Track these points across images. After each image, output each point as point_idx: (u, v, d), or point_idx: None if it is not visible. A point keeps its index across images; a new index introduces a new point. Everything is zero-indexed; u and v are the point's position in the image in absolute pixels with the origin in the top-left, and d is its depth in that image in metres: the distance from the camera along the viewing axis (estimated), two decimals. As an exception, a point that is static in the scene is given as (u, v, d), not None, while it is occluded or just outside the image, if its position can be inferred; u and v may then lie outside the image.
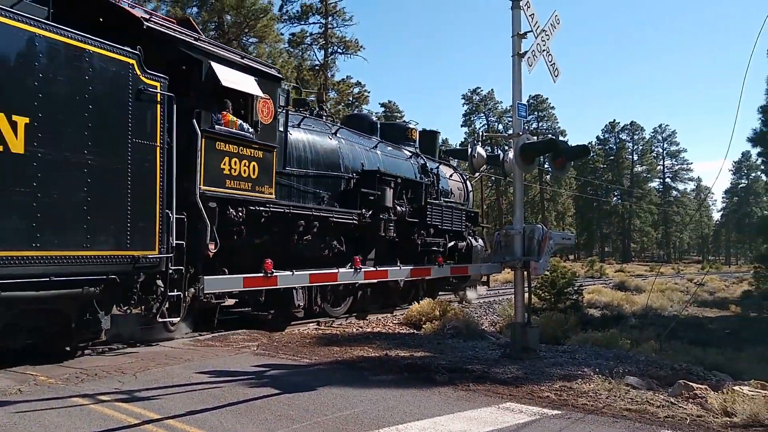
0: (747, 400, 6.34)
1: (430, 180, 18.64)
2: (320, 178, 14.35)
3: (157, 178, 9.18)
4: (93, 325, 8.76)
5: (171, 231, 9.40)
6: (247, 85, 11.11)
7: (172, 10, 34.91)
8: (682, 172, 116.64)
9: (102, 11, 9.82)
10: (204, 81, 10.47)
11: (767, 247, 25.38)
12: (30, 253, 7.49)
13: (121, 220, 8.64)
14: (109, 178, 8.50)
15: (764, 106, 23.34)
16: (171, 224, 9.40)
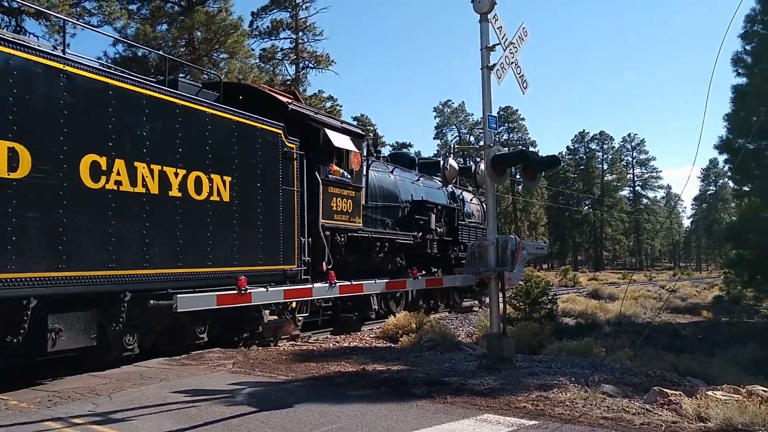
0: (720, 405, 6.41)
1: (458, 205, 22.53)
2: (386, 208, 17.97)
3: (296, 214, 12.74)
4: (259, 320, 12.55)
5: (303, 251, 12.95)
6: (347, 144, 14.94)
7: (142, 28, 34.71)
8: (651, 180, 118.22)
9: (254, 95, 14.03)
10: (321, 143, 14.09)
11: (736, 252, 25.70)
12: (233, 268, 11.01)
13: (276, 244, 12.18)
14: (270, 215, 12.02)
15: (729, 114, 23.69)
16: (303, 247, 12.95)
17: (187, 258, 10.20)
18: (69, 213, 8.40)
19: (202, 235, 10.52)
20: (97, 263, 8.78)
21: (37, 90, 8.18)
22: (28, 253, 7.88)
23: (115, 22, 33.37)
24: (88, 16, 32.47)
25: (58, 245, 8.26)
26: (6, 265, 7.60)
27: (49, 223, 8.18)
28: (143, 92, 9.65)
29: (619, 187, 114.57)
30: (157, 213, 9.75)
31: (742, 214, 26.89)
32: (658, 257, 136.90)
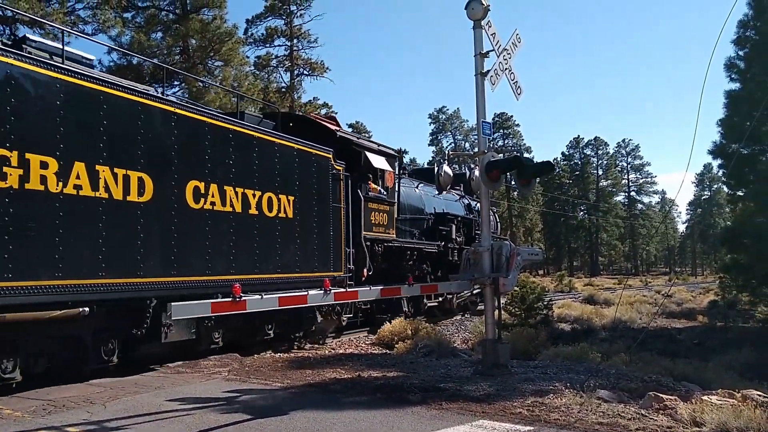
0: (715, 410, 6.43)
1: (474, 216, 23.71)
2: (414, 220, 20.04)
3: (342, 227, 14.67)
4: (313, 321, 14.03)
5: (348, 260, 14.87)
6: (383, 164, 17.10)
7: (137, 36, 34.71)
8: (646, 185, 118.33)
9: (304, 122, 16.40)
10: (362, 164, 16.22)
11: (731, 257, 25.75)
12: (295, 274, 12.99)
13: (327, 253, 14.05)
14: (323, 228, 13.94)
15: (723, 119, 23.78)
16: (348, 255, 14.86)
17: (261, 266, 12.08)
18: (178, 229, 10.28)
19: (272, 246, 12.45)
20: (198, 270, 10.63)
21: (157, 129, 10.08)
22: (150, 262, 9.75)
23: (109, 30, 33.31)
24: (83, 24, 32.42)
25: (170, 255, 10.13)
26: (136, 272, 9.51)
27: (165, 237, 10.07)
28: (229, 127, 11.62)
29: (614, 193, 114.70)
30: (241, 228, 11.64)
31: (737, 219, 26.97)
32: (653, 262, 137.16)
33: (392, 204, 17.56)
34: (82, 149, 8.93)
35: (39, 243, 8.25)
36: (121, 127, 9.52)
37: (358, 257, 15.57)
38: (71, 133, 8.79)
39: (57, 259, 8.44)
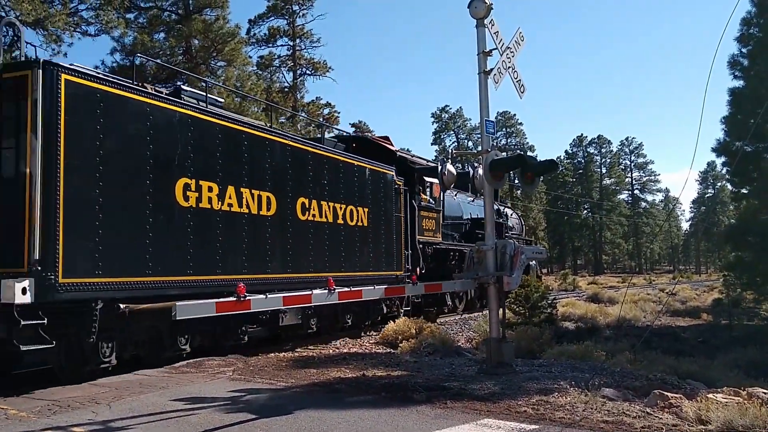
0: (721, 408, 6.42)
1: (503, 220, 27.26)
2: (454, 225, 23.19)
3: (402, 233, 17.83)
4: (379, 312, 17.50)
5: (407, 261, 17.84)
6: (432, 178, 19.72)
7: (140, 37, 34.74)
8: (650, 183, 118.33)
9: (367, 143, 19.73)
10: (416, 179, 19.36)
11: (735, 255, 25.70)
12: (369, 273, 16.03)
13: (391, 255, 17.08)
14: (387, 234, 16.91)
15: (727, 117, 23.74)
16: (406, 257, 17.86)
17: (346, 265, 15.08)
18: (292, 236, 13.31)
19: (353, 249, 15.49)
20: (305, 269, 13.64)
21: (278, 158, 13.08)
22: (274, 262, 12.74)
23: (112, 31, 33.33)
24: (86, 25, 32.44)
25: (287, 257, 13.15)
26: (265, 270, 12.52)
27: (283, 242, 13.06)
28: (324, 154, 14.76)
29: (618, 191, 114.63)
30: (332, 235, 14.74)
31: (741, 217, 26.92)
32: (657, 260, 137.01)
33: (438, 212, 20.95)
34: (232, 176, 11.73)
35: (209, 247, 11.10)
36: (256, 158, 12.41)
37: (413, 258, 18.46)
38: (225, 164, 11.58)
39: (218, 259, 11.28)
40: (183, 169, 10.62)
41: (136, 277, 9.68)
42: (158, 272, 10.01)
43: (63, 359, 9.33)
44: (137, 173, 9.87)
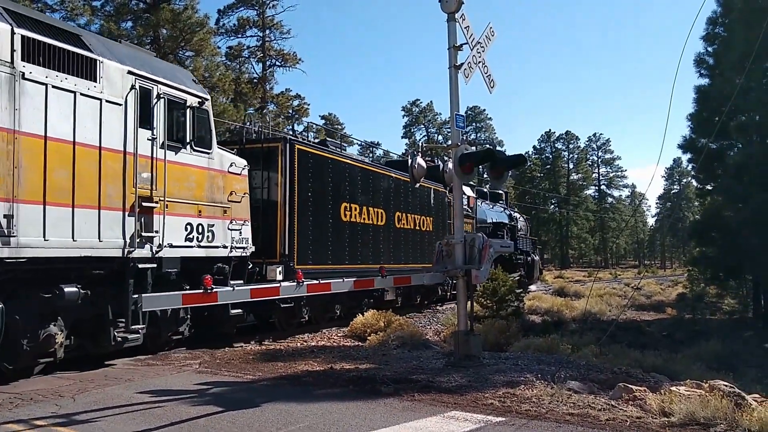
0: (683, 400, 6.52)
1: (514, 223, 33.83)
2: (482, 228, 27.64)
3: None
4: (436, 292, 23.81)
5: None
6: (469, 192, 26.59)
7: (106, 24, 34.23)
8: (616, 179, 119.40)
9: None
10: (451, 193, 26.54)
11: (699, 250, 26.14)
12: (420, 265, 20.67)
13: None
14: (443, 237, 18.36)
15: (693, 114, 24.11)
16: None
17: (416, 259, 20.79)
18: (393, 240, 19.57)
19: (425, 247, 21.16)
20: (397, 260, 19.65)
21: (385, 184, 19.31)
22: (386, 256, 18.69)
23: (78, 18, 32.83)
24: (50, 11, 31.89)
25: (390, 253, 19.13)
26: (379, 261, 17.91)
27: (387, 244, 19.07)
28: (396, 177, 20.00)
29: (585, 186, 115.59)
30: (411, 238, 20.79)
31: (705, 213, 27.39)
32: (623, 255, 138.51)
33: (473, 218, 27.04)
34: (364, 198, 17.82)
35: (355, 246, 17.24)
36: (376, 186, 18.65)
37: None
38: (361, 191, 17.75)
39: (358, 254, 17.36)
40: (343, 196, 16.73)
41: (324, 264, 15.54)
42: (333, 262, 16.02)
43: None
44: (325, 200, 15.89)
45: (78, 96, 8.93)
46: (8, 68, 8.02)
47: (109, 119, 9.38)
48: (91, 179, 9.03)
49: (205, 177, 11.35)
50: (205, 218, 11.27)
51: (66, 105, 8.77)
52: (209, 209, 11.38)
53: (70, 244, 8.66)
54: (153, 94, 10.29)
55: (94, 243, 9.03)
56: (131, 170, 9.66)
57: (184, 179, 10.86)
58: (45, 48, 8.53)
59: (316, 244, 15.17)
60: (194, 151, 11.08)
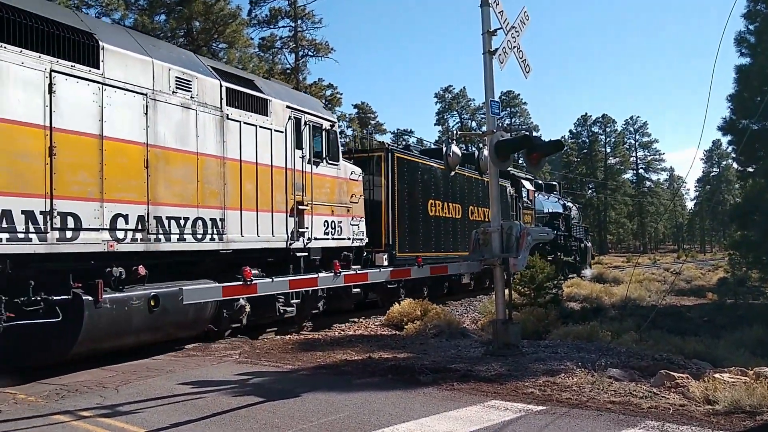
0: (728, 388, 6.41)
1: (567, 212, 36.70)
2: (539, 218, 32.12)
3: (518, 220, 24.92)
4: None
5: None
6: (529, 186, 30.24)
7: (140, 18, 34.61)
8: (654, 162, 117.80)
9: None
10: (520, 188, 28.81)
11: (741, 233, 25.61)
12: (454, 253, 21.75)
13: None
14: None
15: (733, 95, 23.55)
16: None
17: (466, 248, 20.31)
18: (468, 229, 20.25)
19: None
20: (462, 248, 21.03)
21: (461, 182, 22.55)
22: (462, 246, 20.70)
23: (112, 13, 33.24)
24: (86, 7, 32.33)
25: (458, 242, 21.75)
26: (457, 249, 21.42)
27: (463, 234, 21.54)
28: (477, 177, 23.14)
29: (623, 171, 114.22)
30: (459, 227, 22.31)
31: (747, 195, 26.75)
32: (662, 240, 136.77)
33: (532, 209, 30.32)
34: (445, 195, 21.08)
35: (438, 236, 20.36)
36: (453, 184, 21.57)
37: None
38: (442, 189, 21.02)
39: (441, 243, 20.61)
40: (429, 194, 20.13)
41: (416, 252, 17.87)
42: (423, 250, 18.96)
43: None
44: (416, 198, 19.26)
45: (258, 128, 11.91)
46: (218, 112, 11.06)
47: (276, 144, 12.42)
48: (267, 190, 12.08)
49: (335, 184, 14.46)
50: (336, 216, 14.39)
51: (251, 135, 11.75)
52: (338, 209, 14.48)
53: (256, 239, 11.72)
54: (302, 122, 13.26)
55: (269, 237, 12.10)
56: (291, 182, 12.72)
57: (322, 186, 13.91)
58: (237, 94, 11.54)
59: (411, 235, 18.72)
60: (328, 164, 14.07)
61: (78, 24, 9.07)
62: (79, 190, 8.52)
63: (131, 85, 9.47)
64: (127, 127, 9.33)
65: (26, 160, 7.94)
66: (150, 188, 9.56)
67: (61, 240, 8.28)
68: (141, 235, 9.40)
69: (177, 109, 10.22)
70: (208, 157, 10.70)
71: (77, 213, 8.50)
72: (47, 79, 8.26)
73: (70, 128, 8.49)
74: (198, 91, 10.63)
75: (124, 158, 9.24)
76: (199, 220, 10.46)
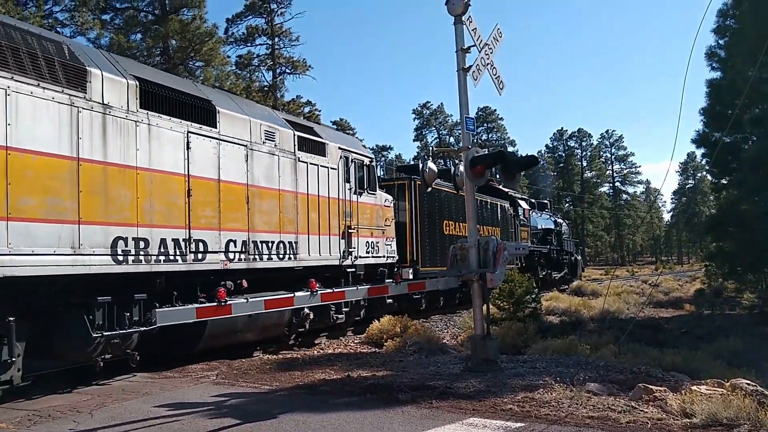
0: (705, 400, 6.43)
1: (559, 228, 39.33)
2: (534, 234, 34.43)
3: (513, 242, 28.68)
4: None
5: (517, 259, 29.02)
6: (525, 205, 33.26)
7: (116, 38, 34.45)
8: (631, 175, 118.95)
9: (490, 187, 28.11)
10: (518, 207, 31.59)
11: (716, 245, 25.89)
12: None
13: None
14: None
15: (705, 108, 23.89)
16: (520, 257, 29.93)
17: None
18: None
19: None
20: None
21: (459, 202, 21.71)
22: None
23: (88, 32, 33.11)
24: (61, 27, 32.19)
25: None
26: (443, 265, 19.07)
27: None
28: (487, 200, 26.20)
29: (599, 184, 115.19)
30: None
31: (721, 207, 27.09)
32: (639, 252, 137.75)
33: (528, 226, 32.89)
34: (456, 216, 22.89)
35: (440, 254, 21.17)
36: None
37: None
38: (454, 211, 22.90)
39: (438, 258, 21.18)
40: (444, 216, 22.37)
41: (435, 267, 20.53)
42: (440, 264, 20.19)
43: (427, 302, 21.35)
44: (433, 219, 21.62)
45: (319, 167, 14.25)
46: (293, 156, 13.53)
47: (331, 179, 14.74)
48: (326, 217, 14.37)
49: (374, 210, 16.74)
50: (374, 238, 16.62)
51: (314, 173, 14.10)
52: (376, 231, 16.75)
53: (318, 258, 13.96)
54: (349, 159, 15.57)
55: (327, 256, 14.31)
56: (342, 210, 15.05)
57: (364, 213, 16.13)
58: (305, 141, 13.97)
59: (431, 251, 21.04)
60: (368, 194, 16.38)
61: (200, 93, 11.63)
62: (206, 222, 10.92)
63: (237, 138, 11.92)
64: (234, 172, 11.76)
65: (174, 200, 10.31)
66: (249, 219, 12.03)
67: (195, 260, 10.58)
68: (244, 256, 11.80)
69: (265, 155, 12.69)
70: (287, 193, 13.23)
71: (205, 239, 10.85)
72: (185, 138, 10.67)
73: (200, 174, 10.89)
74: (279, 141, 13.15)
75: (233, 196, 11.68)
76: (281, 243, 12.88)
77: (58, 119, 8.60)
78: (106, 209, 9.10)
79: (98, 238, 8.94)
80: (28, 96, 8.22)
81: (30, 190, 8.10)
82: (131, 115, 9.71)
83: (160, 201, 9.98)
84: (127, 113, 9.65)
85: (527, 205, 33.60)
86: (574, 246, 44.41)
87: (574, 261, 42.83)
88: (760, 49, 16.42)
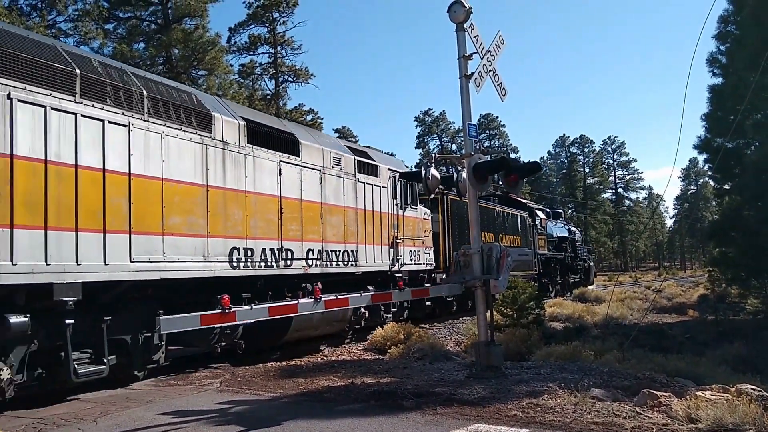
0: (710, 405, 6.42)
1: (573, 236, 41.51)
2: (549, 241, 36.20)
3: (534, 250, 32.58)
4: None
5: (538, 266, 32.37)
6: (541, 215, 35.49)
7: (119, 47, 34.57)
8: (633, 181, 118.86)
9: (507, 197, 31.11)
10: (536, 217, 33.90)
11: (719, 250, 25.80)
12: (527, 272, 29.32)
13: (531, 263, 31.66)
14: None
15: (707, 114, 23.86)
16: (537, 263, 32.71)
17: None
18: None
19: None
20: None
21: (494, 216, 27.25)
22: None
23: (91, 42, 33.22)
24: (64, 37, 32.32)
25: None
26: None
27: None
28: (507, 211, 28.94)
29: (602, 190, 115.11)
30: None
31: (724, 213, 27.01)
32: (642, 258, 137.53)
33: (544, 234, 35.01)
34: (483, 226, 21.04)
35: None
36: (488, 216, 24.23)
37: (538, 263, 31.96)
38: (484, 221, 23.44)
39: None
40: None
41: None
42: None
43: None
44: (463, 229, 21.78)
45: (373, 186, 16.34)
46: (353, 177, 15.62)
47: (383, 196, 16.85)
48: (378, 229, 16.38)
49: (415, 222, 18.67)
50: (416, 247, 18.51)
51: (369, 192, 16.21)
52: (417, 241, 18.61)
53: (373, 264, 15.95)
54: (396, 178, 17.53)
55: (380, 263, 16.28)
56: (391, 223, 17.07)
57: (408, 225, 18.09)
58: (362, 164, 16.14)
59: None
60: (410, 208, 18.28)
61: (286, 128, 13.96)
62: (292, 234, 13.08)
63: (314, 165, 14.07)
64: (311, 192, 13.94)
65: (271, 217, 12.50)
66: (323, 231, 14.14)
67: (285, 266, 12.73)
68: (319, 263, 13.88)
69: (334, 177, 14.84)
70: (349, 209, 15.29)
71: (292, 249, 13.01)
72: (278, 166, 12.89)
73: (288, 195, 13.08)
74: (344, 165, 15.29)
75: (311, 213, 13.86)
76: (345, 252, 14.90)
77: (193, 155, 10.75)
78: (225, 225, 11.26)
79: (220, 248, 11.07)
80: (175, 138, 10.36)
81: (176, 211, 10.22)
82: (241, 149, 11.91)
83: (261, 218, 12.20)
84: (239, 147, 11.85)
85: (543, 215, 35.79)
86: (586, 252, 46.75)
87: (588, 267, 45.20)
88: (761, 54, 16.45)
